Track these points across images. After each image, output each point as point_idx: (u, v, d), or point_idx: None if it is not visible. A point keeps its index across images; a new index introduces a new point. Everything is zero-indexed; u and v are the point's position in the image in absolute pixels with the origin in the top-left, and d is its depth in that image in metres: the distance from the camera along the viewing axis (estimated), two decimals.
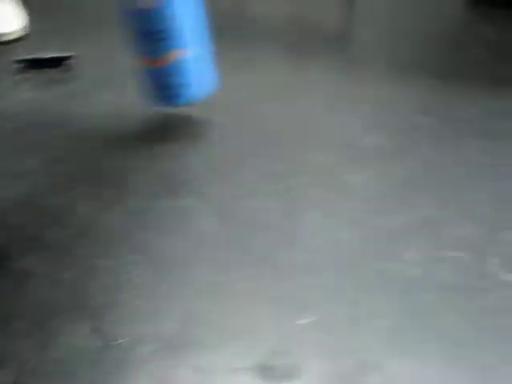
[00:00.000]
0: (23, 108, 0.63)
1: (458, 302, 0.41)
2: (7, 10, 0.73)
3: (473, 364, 0.37)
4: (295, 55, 0.73)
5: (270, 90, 0.67)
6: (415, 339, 0.38)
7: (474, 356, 0.37)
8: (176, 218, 0.49)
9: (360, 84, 0.68)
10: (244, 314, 0.40)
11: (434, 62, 0.74)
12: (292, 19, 0.80)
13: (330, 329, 0.39)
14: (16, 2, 0.73)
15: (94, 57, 0.70)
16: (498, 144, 0.59)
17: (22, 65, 0.68)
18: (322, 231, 0.47)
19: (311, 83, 0.69)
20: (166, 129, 0.60)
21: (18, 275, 0.43)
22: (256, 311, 0.40)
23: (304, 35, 0.78)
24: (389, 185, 0.53)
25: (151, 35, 0.56)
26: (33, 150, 0.57)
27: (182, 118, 0.63)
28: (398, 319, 0.40)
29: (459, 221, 0.49)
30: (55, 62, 0.68)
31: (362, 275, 0.43)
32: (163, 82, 0.59)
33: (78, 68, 0.69)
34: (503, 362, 0.37)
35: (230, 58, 0.71)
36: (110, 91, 0.65)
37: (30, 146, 0.57)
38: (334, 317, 0.40)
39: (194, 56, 0.58)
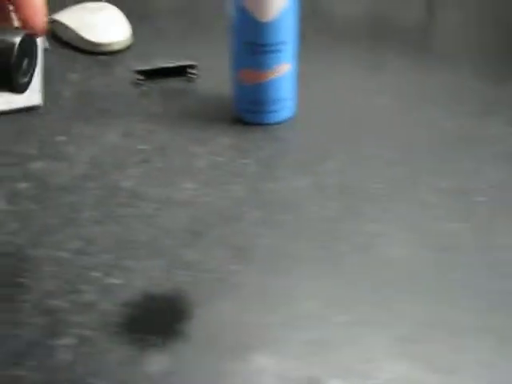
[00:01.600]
0: (154, 121, 0.60)
1: None
2: (111, 19, 0.70)
3: None
4: (374, 55, 0.70)
5: (350, 91, 0.64)
6: None
7: None
8: None
9: (444, 85, 0.65)
10: None
11: None
12: (371, 18, 0.77)
13: None
14: (118, 11, 0.70)
15: (212, 65, 0.67)
16: None
17: (143, 75, 0.65)
18: None
19: (391, 84, 0.65)
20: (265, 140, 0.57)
21: None
22: None
23: (383, 35, 0.74)
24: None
25: (262, 47, 0.54)
26: None
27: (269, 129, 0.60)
28: None
29: None
30: (178, 72, 0.65)
31: None
32: (266, 97, 0.56)
33: (201, 77, 0.66)
34: None
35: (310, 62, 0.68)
36: (223, 103, 0.62)
37: None
38: None
39: (293, 69, 0.56)
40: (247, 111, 0.58)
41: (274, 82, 0.56)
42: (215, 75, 0.65)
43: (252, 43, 0.54)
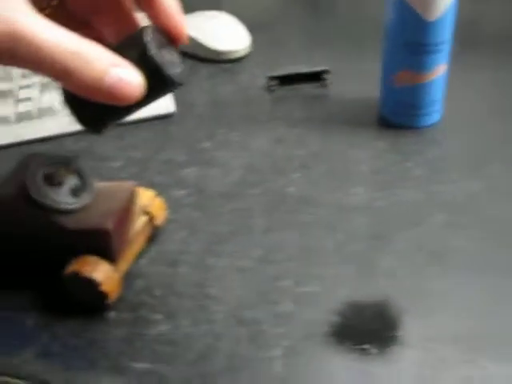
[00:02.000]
0: (300, 127, 0.57)
1: None
2: (230, 27, 0.68)
3: None
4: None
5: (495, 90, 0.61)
6: None
7: None
8: None
9: None
10: None
11: None
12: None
13: None
14: (234, 19, 0.68)
15: (343, 70, 0.65)
16: None
17: (276, 81, 0.62)
18: None
19: None
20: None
21: None
22: None
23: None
24: None
25: (424, 47, 0.52)
26: None
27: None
28: None
29: None
30: (310, 77, 0.63)
31: None
32: (421, 99, 0.54)
33: (333, 83, 0.63)
34: None
35: None
36: (364, 107, 0.60)
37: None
38: None
39: (447, 70, 0.54)
40: (399, 114, 0.56)
41: (431, 84, 0.54)
42: (346, 80, 0.63)
43: (414, 43, 0.52)
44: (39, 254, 0.42)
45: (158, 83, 0.33)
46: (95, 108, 0.32)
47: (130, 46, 0.33)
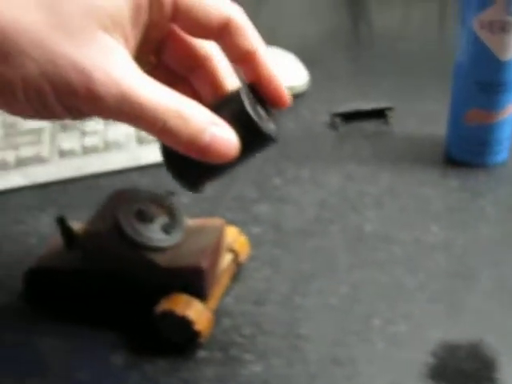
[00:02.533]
0: (369, 164, 0.58)
1: None
2: (288, 63, 0.69)
3: None
4: None
5: None
6: None
7: None
8: None
9: None
10: None
11: None
12: None
13: None
14: (290, 54, 0.69)
15: (403, 107, 0.65)
16: None
17: (339, 118, 0.63)
18: None
19: None
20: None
21: None
22: None
23: None
24: None
25: (498, 87, 0.52)
26: None
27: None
28: None
29: None
30: (373, 115, 0.63)
31: None
32: (492, 138, 0.54)
33: (396, 120, 0.64)
34: None
35: None
36: (429, 144, 0.60)
37: None
38: None
39: None
40: (468, 152, 0.56)
41: (503, 122, 0.54)
42: (407, 117, 0.63)
43: (487, 82, 0.52)
44: (128, 292, 0.42)
45: (254, 141, 0.33)
46: (192, 164, 0.33)
47: (226, 105, 0.33)
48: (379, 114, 0.62)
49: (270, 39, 0.80)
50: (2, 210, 0.55)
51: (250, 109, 0.32)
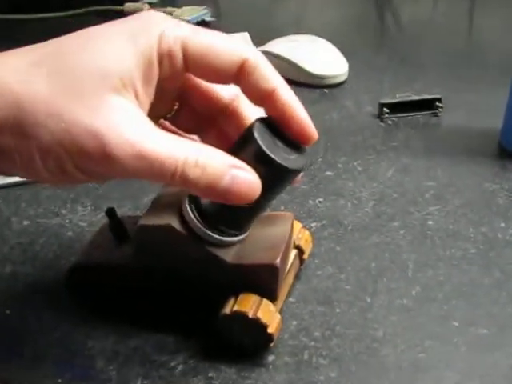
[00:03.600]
0: (423, 156, 0.55)
1: None
2: (328, 51, 0.66)
3: None
4: None
5: None
6: None
7: None
8: None
9: None
10: None
11: None
12: None
13: None
14: (330, 43, 0.66)
15: (449, 98, 0.63)
16: None
17: (386, 108, 0.60)
18: None
19: None
20: None
21: None
22: None
23: None
24: None
25: None
26: None
27: None
28: None
29: None
30: (420, 106, 0.61)
31: None
32: None
33: (444, 112, 0.61)
34: None
35: None
36: (482, 137, 0.57)
37: None
38: None
39: None
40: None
41: None
42: (455, 109, 0.61)
43: None
44: (189, 290, 0.39)
45: (275, 176, 0.32)
46: (223, 211, 0.34)
47: (242, 144, 0.32)
48: (428, 105, 0.60)
49: (301, 28, 0.76)
50: (35, 201, 0.52)
51: (265, 144, 0.31)
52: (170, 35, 0.29)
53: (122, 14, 0.88)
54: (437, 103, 0.59)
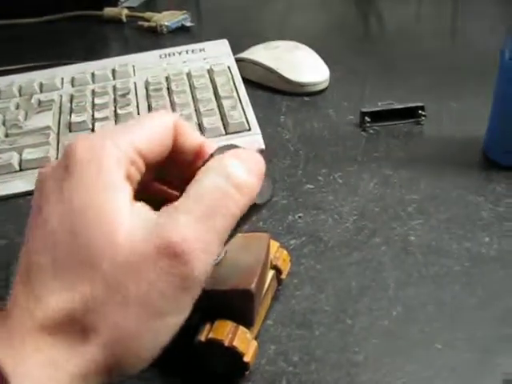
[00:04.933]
0: (405, 167, 0.53)
1: None
2: (309, 58, 0.65)
3: None
4: None
5: None
6: None
7: None
8: None
9: None
10: None
11: None
12: None
13: None
14: (311, 50, 0.65)
15: (432, 106, 0.61)
16: None
17: (367, 117, 0.59)
18: None
19: None
20: None
21: None
22: None
23: None
24: None
25: None
26: None
27: None
28: None
29: None
30: (403, 114, 0.59)
31: None
32: None
33: (427, 120, 0.60)
34: None
35: None
36: (465, 147, 0.56)
37: None
38: None
39: None
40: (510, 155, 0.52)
41: None
42: (438, 117, 0.59)
43: None
44: None
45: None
46: None
47: None
48: (410, 113, 0.58)
49: (283, 33, 0.75)
50: (14, 217, 0.50)
51: None
52: (124, 151, 0.29)
53: (101, 19, 0.85)
54: (419, 111, 0.58)
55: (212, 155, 0.30)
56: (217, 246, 0.28)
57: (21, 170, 0.52)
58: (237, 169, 0.29)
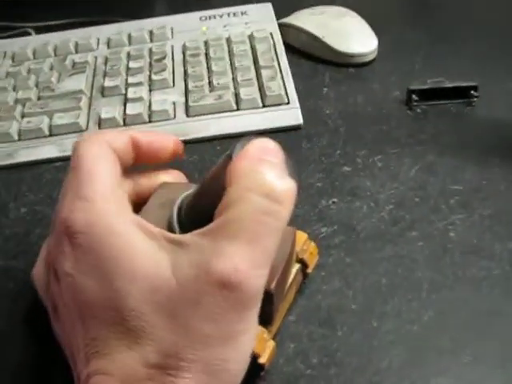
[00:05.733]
0: (451, 154, 0.50)
1: None
2: (357, 27, 0.61)
3: None
4: None
5: None
6: None
7: None
8: None
9: None
10: None
11: None
12: None
13: None
14: (360, 18, 0.60)
15: (488, 86, 0.57)
16: None
17: (416, 95, 0.55)
18: None
19: None
20: None
21: None
22: None
23: None
24: None
25: None
26: None
27: None
28: None
29: None
30: (454, 93, 0.55)
31: None
32: None
33: (480, 101, 0.55)
34: None
35: None
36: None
37: None
38: None
39: None
40: None
41: None
42: (493, 98, 0.55)
43: None
44: None
45: None
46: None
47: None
48: (462, 93, 0.54)
49: None
50: (36, 184, 0.49)
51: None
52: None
53: None
54: (472, 91, 0.54)
55: (230, 157, 0.28)
56: (267, 263, 0.27)
57: (50, 135, 0.51)
58: (272, 180, 0.27)
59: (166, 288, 0.26)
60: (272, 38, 0.59)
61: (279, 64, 0.56)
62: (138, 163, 0.35)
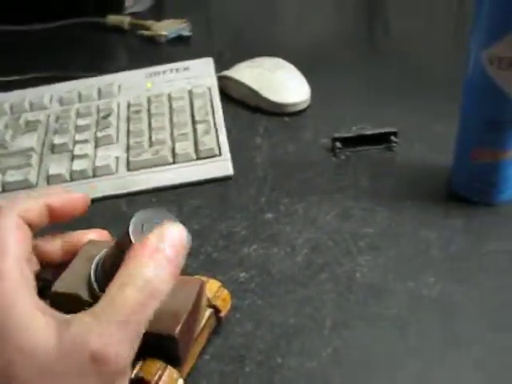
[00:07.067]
0: (367, 198, 0.54)
1: None
2: (291, 77, 0.66)
3: None
4: None
5: None
6: None
7: None
8: None
9: None
10: None
11: None
12: None
13: None
14: (295, 69, 0.66)
15: (411, 130, 0.61)
16: None
17: (340, 143, 0.60)
18: None
19: None
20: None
21: None
22: None
23: None
24: None
25: (506, 125, 0.49)
26: None
27: None
28: None
29: None
30: (376, 139, 0.60)
31: None
32: (499, 176, 0.51)
33: (400, 146, 0.60)
34: None
35: None
36: (434, 177, 0.56)
37: None
38: None
39: None
40: (473, 190, 0.53)
41: (510, 161, 0.51)
42: (413, 142, 0.60)
43: (496, 121, 0.49)
44: None
45: None
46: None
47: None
48: (382, 139, 0.59)
49: (271, 46, 0.76)
50: None
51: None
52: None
53: (104, 26, 0.88)
54: (392, 137, 0.59)
55: (128, 233, 0.33)
56: (133, 341, 0.33)
57: (3, 191, 0.56)
58: (153, 276, 0.33)
59: (49, 360, 0.31)
60: (210, 92, 0.64)
61: (214, 118, 0.60)
62: (53, 223, 0.40)
